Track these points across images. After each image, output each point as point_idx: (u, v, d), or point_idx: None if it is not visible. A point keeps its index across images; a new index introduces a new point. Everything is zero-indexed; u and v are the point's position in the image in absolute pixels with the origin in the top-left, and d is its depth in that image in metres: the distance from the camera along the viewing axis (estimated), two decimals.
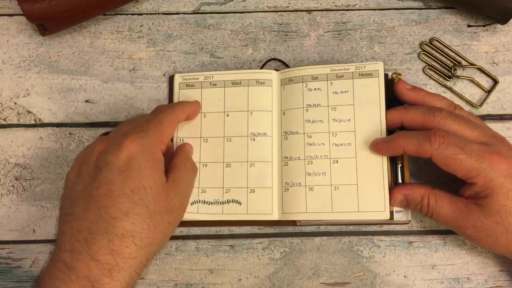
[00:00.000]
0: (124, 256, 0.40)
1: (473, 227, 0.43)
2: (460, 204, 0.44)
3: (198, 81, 0.52)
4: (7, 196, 0.51)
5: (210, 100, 0.51)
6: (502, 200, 0.42)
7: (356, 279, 0.50)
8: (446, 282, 0.49)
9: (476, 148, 0.42)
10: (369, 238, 0.51)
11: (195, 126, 0.51)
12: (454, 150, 0.42)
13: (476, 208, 0.43)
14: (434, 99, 0.47)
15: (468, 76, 0.53)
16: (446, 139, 0.42)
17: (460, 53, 0.54)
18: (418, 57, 0.54)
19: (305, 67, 0.50)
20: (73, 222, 0.41)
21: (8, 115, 0.53)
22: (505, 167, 0.42)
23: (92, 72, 0.54)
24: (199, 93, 0.52)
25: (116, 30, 0.55)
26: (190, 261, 0.50)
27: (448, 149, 0.42)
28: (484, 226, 0.43)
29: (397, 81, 0.49)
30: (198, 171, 0.50)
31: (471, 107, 0.53)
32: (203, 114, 0.51)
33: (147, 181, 0.42)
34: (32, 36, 0.54)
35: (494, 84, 0.53)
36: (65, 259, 0.40)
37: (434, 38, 0.54)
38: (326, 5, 0.55)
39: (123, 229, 0.40)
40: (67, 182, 0.44)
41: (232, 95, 0.51)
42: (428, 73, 0.53)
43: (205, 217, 0.49)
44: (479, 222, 0.43)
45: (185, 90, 0.52)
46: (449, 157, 0.42)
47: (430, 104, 0.47)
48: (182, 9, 0.55)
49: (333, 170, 0.48)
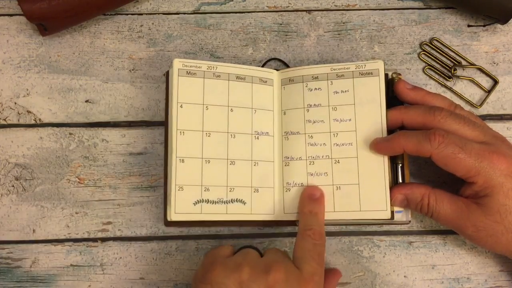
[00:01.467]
0: None
1: (473, 227, 0.43)
2: (460, 204, 0.44)
3: (200, 70, 0.49)
4: (7, 196, 0.51)
5: (213, 92, 0.49)
6: (502, 199, 0.42)
7: (356, 279, 0.50)
8: (446, 282, 0.49)
9: (476, 147, 0.42)
10: (369, 238, 0.51)
11: (197, 118, 0.48)
12: (454, 149, 0.42)
13: (477, 208, 0.43)
14: (434, 98, 0.47)
15: (468, 76, 0.53)
16: (446, 138, 0.42)
17: (460, 53, 0.54)
18: (418, 57, 0.54)
19: (305, 67, 0.50)
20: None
21: (8, 115, 0.53)
22: (504, 166, 0.42)
23: (92, 72, 0.54)
24: (201, 83, 0.49)
25: (116, 30, 0.55)
26: (190, 261, 0.50)
27: (448, 148, 0.42)
28: (484, 226, 0.43)
29: (398, 81, 0.49)
30: (201, 167, 0.48)
31: (471, 107, 0.53)
32: (205, 106, 0.49)
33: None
34: (32, 36, 0.54)
35: (494, 84, 0.53)
36: None
37: (434, 38, 0.54)
38: (326, 5, 0.55)
39: None
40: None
41: (236, 89, 0.50)
42: (428, 73, 0.54)
43: (209, 217, 0.47)
44: (479, 222, 0.43)
45: (185, 78, 0.48)
46: (448, 156, 0.42)
47: (430, 104, 0.47)
48: (182, 9, 0.55)
49: (334, 170, 0.48)
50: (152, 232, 0.51)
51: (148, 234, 0.51)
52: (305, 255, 0.42)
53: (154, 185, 0.51)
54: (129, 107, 0.53)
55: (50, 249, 0.50)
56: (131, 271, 0.50)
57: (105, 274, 0.50)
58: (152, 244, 0.51)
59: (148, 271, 0.50)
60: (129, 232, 0.51)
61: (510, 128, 0.53)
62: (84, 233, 0.51)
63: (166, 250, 0.50)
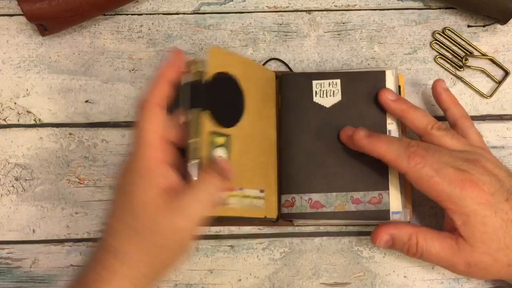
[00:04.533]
0: None
1: (465, 263, 0.42)
2: (449, 240, 0.42)
3: None
4: (7, 196, 0.51)
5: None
6: (480, 227, 0.41)
7: (356, 279, 0.50)
8: (446, 282, 0.49)
9: (451, 173, 0.41)
10: (369, 238, 0.51)
11: None
12: (428, 172, 0.42)
13: (464, 242, 0.42)
14: (416, 114, 0.46)
15: (479, 66, 0.54)
16: (424, 159, 0.42)
17: (472, 43, 0.54)
18: (430, 46, 0.54)
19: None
20: None
21: (8, 115, 0.53)
22: (475, 194, 0.41)
23: (92, 72, 0.54)
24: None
25: (116, 30, 0.55)
26: (190, 261, 0.50)
27: (423, 170, 0.42)
28: (475, 261, 0.42)
29: (381, 90, 0.48)
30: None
31: (481, 97, 0.53)
32: None
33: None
34: (32, 36, 0.54)
35: (505, 75, 0.53)
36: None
37: (446, 28, 0.54)
38: (326, 5, 0.55)
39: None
40: None
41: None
42: (439, 62, 0.54)
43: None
44: (470, 257, 0.42)
45: None
46: (422, 178, 0.42)
47: (410, 119, 0.46)
48: (182, 9, 0.55)
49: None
50: None
51: None
52: None
53: None
54: (129, 107, 0.53)
55: (50, 249, 0.50)
56: None
57: None
58: None
59: None
60: None
61: (510, 128, 0.53)
62: (84, 233, 0.51)
63: None
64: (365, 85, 0.48)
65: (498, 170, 0.43)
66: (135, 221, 0.39)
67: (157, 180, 0.39)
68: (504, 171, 0.44)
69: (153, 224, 0.39)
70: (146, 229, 0.39)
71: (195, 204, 0.39)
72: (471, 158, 0.43)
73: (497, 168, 0.43)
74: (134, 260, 0.39)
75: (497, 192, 0.41)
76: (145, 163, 0.40)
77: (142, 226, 0.39)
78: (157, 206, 0.39)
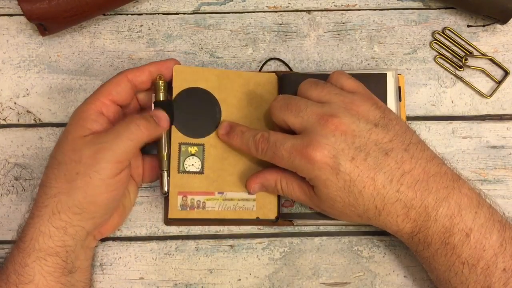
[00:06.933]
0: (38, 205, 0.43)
1: (319, 209, 0.46)
2: (305, 188, 0.46)
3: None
4: (7, 196, 0.51)
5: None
6: (323, 189, 0.43)
7: (356, 279, 0.50)
8: None
9: (288, 146, 0.43)
10: (369, 238, 0.51)
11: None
12: (270, 153, 0.45)
13: (315, 195, 0.45)
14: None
15: (479, 66, 0.54)
16: (266, 144, 0.45)
17: (471, 43, 0.54)
18: (430, 46, 0.54)
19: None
20: None
21: (8, 115, 0.53)
22: (313, 162, 0.42)
23: (92, 72, 0.54)
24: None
25: (116, 30, 0.55)
26: (190, 261, 0.50)
27: (268, 153, 0.45)
28: (326, 211, 0.46)
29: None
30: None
31: (481, 97, 0.53)
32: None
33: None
34: (32, 36, 0.54)
35: (505, 75, 0.54)
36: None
37: (446, 28, 0.54)
38: (326, 5, 0.55)
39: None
40: None
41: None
42: (439, 62, 0.54)
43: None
44: (322, 206, 0.45)
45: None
46: (270, 159, 0.45)
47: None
48: (182, 9, 0.55)
49: None
50: (151, 232, 0.51)
51: (147, 234, 0.51)
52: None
53: (154, 185, 0.51)
54: None
55: None
56: (131, 271, 0.50)
57: (104, 274, 0.50)
58: (152, 244, 0.50)
59: (147, 271, 0.50)
60: (129, 232, 0.51)
61: (510, 128, 0.53)
62: None
63: (165, 250, 0.50)
64: (366, 86, 0.48)
65: (357, 124, 0.43)
66: (61, 154, 0.43)
67: (90, 124, 0.44)
68: (368, 122, 0.43)
69: (75, 153, 0.43)
70: (67, 158, 0.43)
71: (116, 139, 0.43)
72: (326, 115, 0.43)
73: (357, 121, 0.43)
74: (54, 188, 0.42)
75: (340, 154, 0.42)
76: (83, 111, 0.45)
77: (65, 157, 0.43)
78: (84, 142, 0.43)
